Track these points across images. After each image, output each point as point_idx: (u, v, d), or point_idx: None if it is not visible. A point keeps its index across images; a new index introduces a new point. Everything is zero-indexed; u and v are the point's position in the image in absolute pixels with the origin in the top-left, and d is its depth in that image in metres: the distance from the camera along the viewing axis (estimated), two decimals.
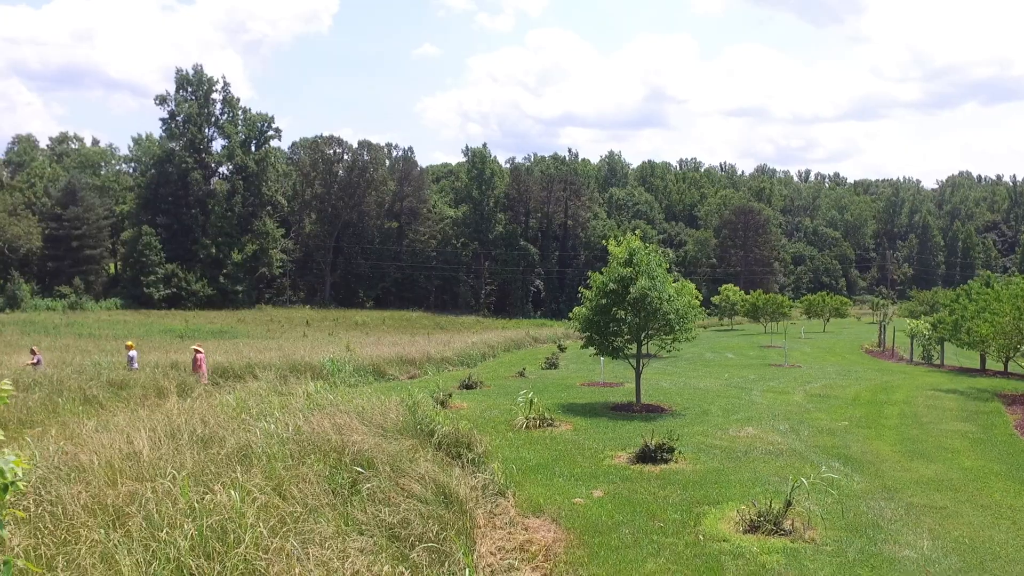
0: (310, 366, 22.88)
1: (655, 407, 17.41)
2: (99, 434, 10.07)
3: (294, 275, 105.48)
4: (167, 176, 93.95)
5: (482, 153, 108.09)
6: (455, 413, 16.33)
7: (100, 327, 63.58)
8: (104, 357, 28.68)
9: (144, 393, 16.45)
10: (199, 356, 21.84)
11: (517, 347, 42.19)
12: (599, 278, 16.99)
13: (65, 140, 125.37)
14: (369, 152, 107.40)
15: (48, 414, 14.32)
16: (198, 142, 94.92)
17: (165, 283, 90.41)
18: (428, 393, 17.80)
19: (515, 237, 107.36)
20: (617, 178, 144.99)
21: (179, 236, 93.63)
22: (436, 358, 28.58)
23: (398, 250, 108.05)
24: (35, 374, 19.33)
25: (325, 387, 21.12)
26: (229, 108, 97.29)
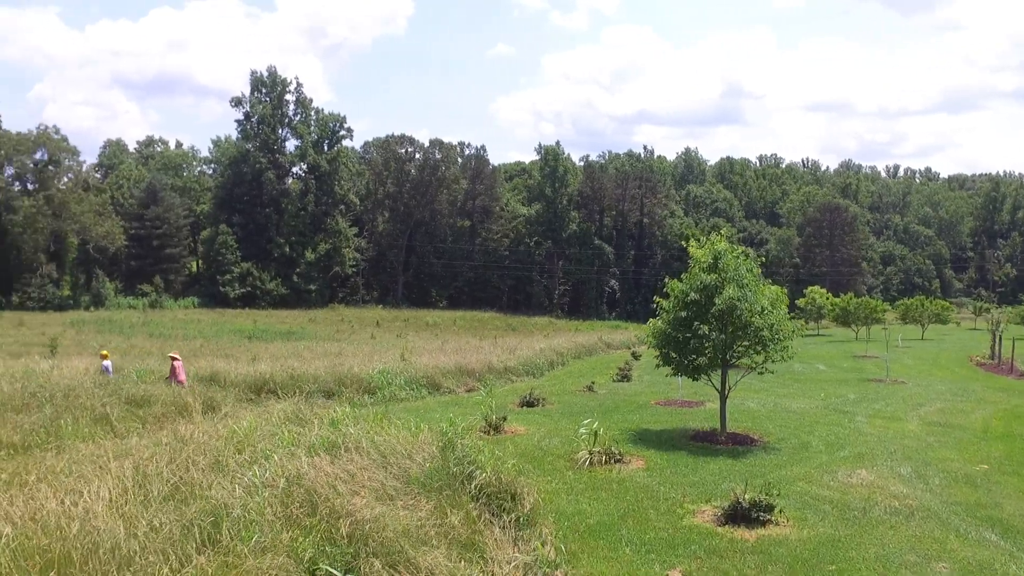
0: (358, 379, 21.07)
1: (743, 437, 14.81)
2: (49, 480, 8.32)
3: (367, 274, 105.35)
4: (242, 176, 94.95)
5: (555, 151, 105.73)
6: (509, 441, 14.13)
7: (174, 326, 63.83)
8: (153, 363, 27.64)
9: (165, 411, 14.84)
10: (176, 364, 20.71)
11: (588, 353, 39.71)
12: (678, 286, 14.50)
13: (151, 143, 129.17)
14: (441, 151, 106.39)
15: (48, 436, 12.77)
16: (272, 142, 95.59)
17: (240, 282, 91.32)
18: (482, 414, 15.66)
19: (589, 236, 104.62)
20: (694, 175, 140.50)
21: (254, 235, 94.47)
22: (498, 368, 26.45)
23: (471, 249, 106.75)
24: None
25: (369, 405, 19.27)
26: (302, 109, 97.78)
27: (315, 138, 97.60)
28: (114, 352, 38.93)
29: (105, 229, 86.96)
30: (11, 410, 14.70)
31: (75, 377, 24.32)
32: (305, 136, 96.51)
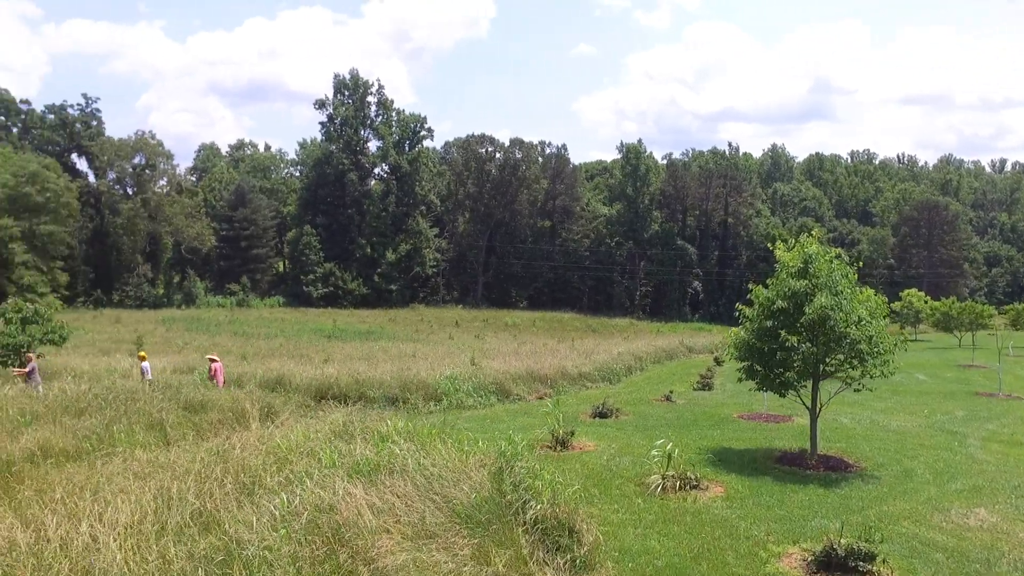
0: (424, 384, 20.36)
1: (837, 461, 13.29)
2: (72, 501, 7.76)
3: (448, 274, 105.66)
4: (325, 177, 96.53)
5: (636, 149, 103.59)
6: (576, 459, 13.07)
7: (258, 325, 65.18)
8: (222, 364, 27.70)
9: (221, 418, 14.40)
10: (214, 366, 20.85)
11: (669, 358, 38.16)
12: (763, 293, 13.11)
13: (242, 147, 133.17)
14: (521, 150, 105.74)
15: (100, 443, 12.42)
16: (354, 144, 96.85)
17: (323, 282, 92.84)
18: (549, 427, 14.64)
19: (671, 236, 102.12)
20: (781, 173, 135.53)
21: (337, 236, 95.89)
22: (572, 373, 25.36)
23: (551, 249, 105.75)
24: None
25: (434, 412, 18.51)
26: (383, 110, 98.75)
27: (396, 139, 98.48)
28: (194, 350, 39.75)
29: (196, 231, 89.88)
30: (73, 414, 14.54)
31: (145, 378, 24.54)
32: (386, 137, 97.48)
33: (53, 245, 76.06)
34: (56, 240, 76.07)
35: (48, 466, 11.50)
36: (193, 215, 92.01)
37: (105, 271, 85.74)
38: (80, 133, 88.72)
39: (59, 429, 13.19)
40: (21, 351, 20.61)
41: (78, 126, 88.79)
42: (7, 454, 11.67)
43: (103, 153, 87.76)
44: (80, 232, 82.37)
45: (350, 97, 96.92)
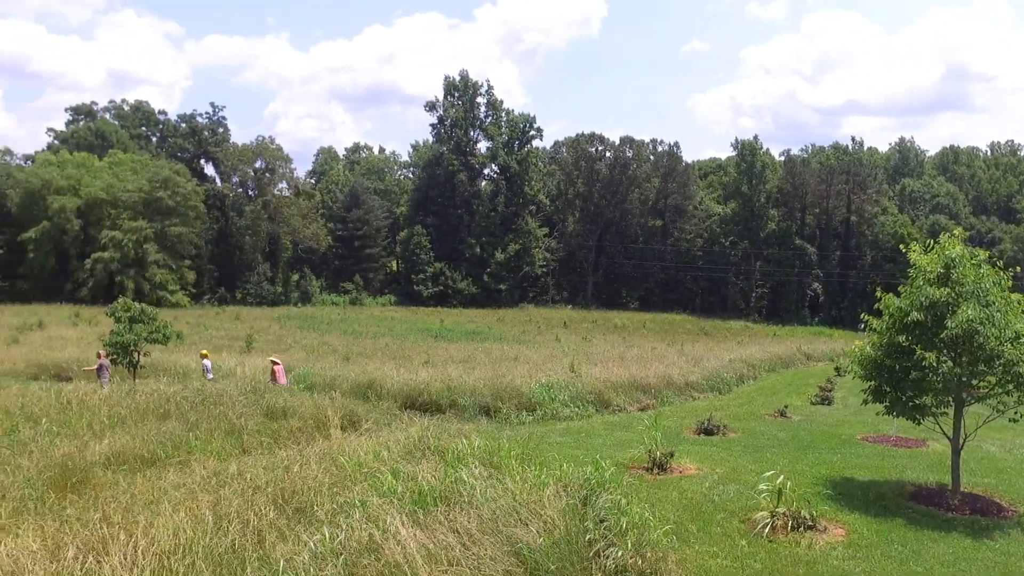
0: (518, 393, 19.38)
1: (986, 502, 11.37)
2: (118, 516, 7.20)
3: (557, 274, 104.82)
4: (436, 178, 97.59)
5: (752, 145, 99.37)
6: (674, 485, 11.74)
7: (368, 323, 66.17)
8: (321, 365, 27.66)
9: (302, 425, 13.90)
10: (276, 369, 21.01)
11: (784, 366, 35.77)
12: (894, 303, 11.34)
13: (357, 150, 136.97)
14: (632, 148, 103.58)
15: (176, 450, 12.10)
16: (464, 145, 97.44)
17: (433, 281, 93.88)
18: (647, 445, 13.34)
19: (789, 235, 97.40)
20: (910, 168, 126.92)
21: (447, 236, 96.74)
22: (678, 383, 23.81)
23: (662, 249, 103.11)
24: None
25: (527, 423, 17.50)
26: (493, 110, 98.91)
27: (505, 139, 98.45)
28: (301, 349, 40.37)
29: (312, 231, 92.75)
30: (157, 416, 14.43)
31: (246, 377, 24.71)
32: (496, 137, 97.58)
33: (182, 245, 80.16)
34: (185, 240, 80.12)
35: (121, 472, 11.23)
36: (309, 216, 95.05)
37: (229, 270, 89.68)
38: (208, 140, 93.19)
39: (140, 432, 13.01)
40: (128, 349, 21.06)
41: (206, 133, 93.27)
42: (85, 458, 11.47)
43: (227, 158, 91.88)
44: (206, 233, 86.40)
45: (460, 98, 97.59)
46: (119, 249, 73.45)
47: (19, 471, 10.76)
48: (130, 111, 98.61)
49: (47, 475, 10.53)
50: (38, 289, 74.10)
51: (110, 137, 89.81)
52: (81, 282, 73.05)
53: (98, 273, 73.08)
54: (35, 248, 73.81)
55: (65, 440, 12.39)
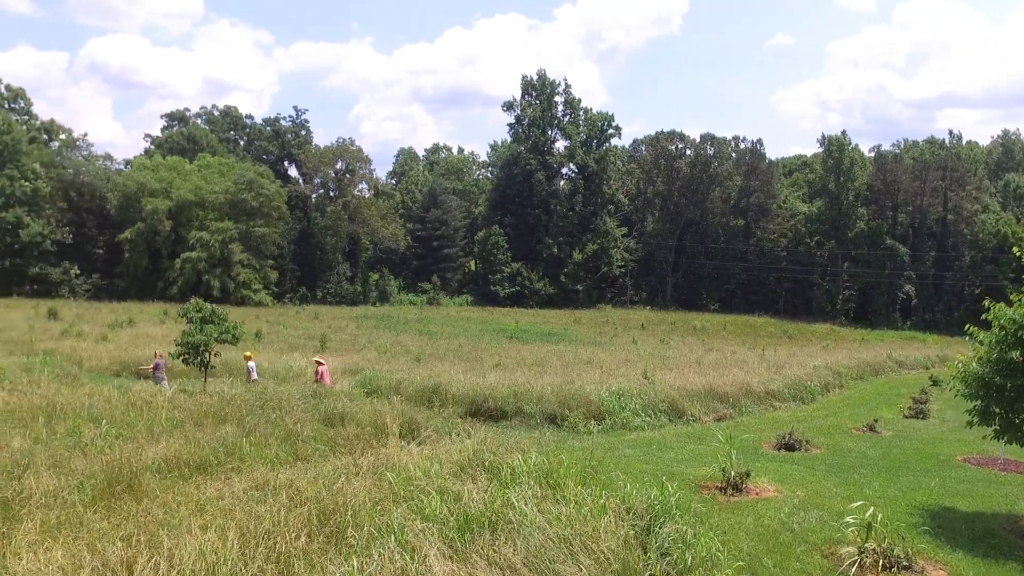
0: (587, 401, 18.57)
1: None
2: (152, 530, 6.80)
3: (636, 275, 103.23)
4: (513, 178, 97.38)
5: (840, 141, 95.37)
6: (749, 509, 10.77)
7: (444, 323, 66.28)
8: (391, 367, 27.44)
9: (359, 433, 13.48)
10: (321, 369, 21.02)
11: (874, 373, 33.79)
12: (1006, 313, 10.05)
13: (437, 150, 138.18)
14: (713, 146, 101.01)
15: (229, 456, 11.84)
16: (541, 144, 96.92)
17: (510, 281, 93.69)
18: (721, 462, 12.37)
19: (879, 235, 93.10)
20: (1015, 162, 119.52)
21: (524, 236, 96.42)
22: (757, 391, 22.53)
23: (744, 249, 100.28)
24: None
25: (595, 433, 16.71)
26: (571, 109, 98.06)
27: (583, 138, 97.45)
28: (376, 349, 40.45)
29: (390, 231, 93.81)
30: (216, 420, 14.27)
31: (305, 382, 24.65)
32: (574, 136, 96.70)
33: (265, 245, 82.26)
34: (268, 241, 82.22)
35: (171, 479, 11.03)
36: (388, 216, 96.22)
37: (310, 269, 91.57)
38: (291, 142, 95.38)
39: (196, 437, 12.83)
40: (199, 349, 21.23)
41: (289, 136, 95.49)
42: (137, 463, 11.31)
43: (309, 160, 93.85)
44: (289, 233, 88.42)
45: (537, 97, 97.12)
46: (206, 249, 75.84)
47: (72, 475, 10.67)
48: (219, 116, 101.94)
49: (96, 480, 10.39)
50: (133, 287, 77.31)
51: (200, 141, 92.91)
52: (172, 281, 75.74)
53: (187, 272, 75.64)
54: (131, 248, 76.99)
55: (122, 443, 12.30)
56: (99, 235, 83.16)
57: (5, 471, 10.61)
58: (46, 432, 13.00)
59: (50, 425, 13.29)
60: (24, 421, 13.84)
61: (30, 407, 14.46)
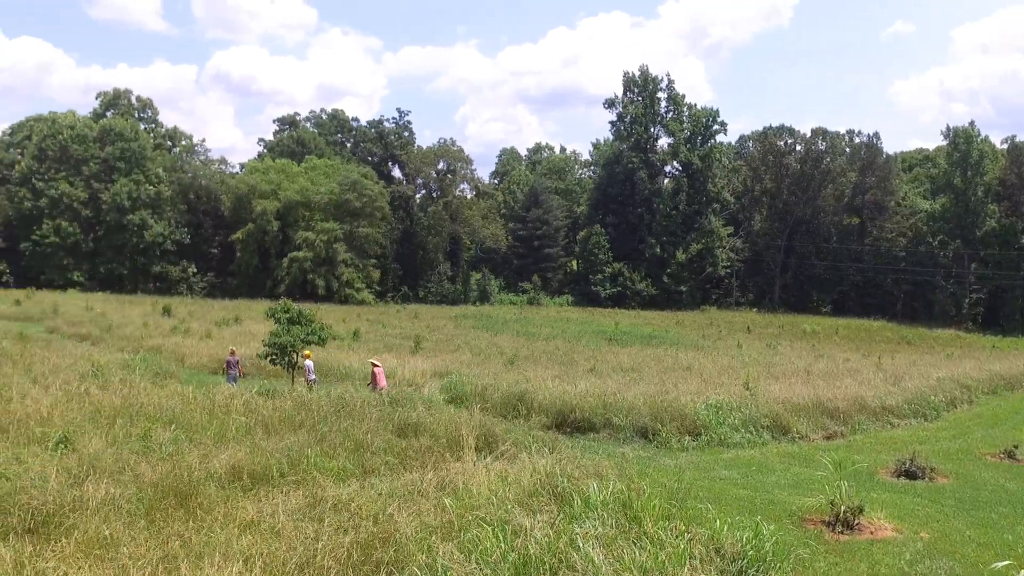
0: (681, 414, 17.24)
1: None
2: None
3: (742, 276, 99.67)
4: (615, 177, 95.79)
5: (967, 133, 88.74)
6: (862, 553, 9.36)
7: (543, 324, 65.48)
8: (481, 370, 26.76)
9: (433, 445, 12.74)
10: (376, 371, 20.48)
11: (1009, 387, 30.69)
12: None
13: (539, 150, 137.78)
14: (825, 141, 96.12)
15: (292, 467, 11.33)
16: (644, 142, 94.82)
17: (611, 282, 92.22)
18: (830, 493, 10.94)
19: (1013, 234, 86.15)
20: None
21: (626, 235, 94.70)
22: (872, 406, 20.49)
23: (859, 250, 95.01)
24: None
25: (690, 450, 15.48)
26: (674, 106, 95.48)
27: (687, 135, 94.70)
28: (471, 350, 39.98)
29: (491, 231, 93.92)
30: (289, 426, 13.87)
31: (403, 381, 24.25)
32: (677, 133, 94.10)
33: (368, 245, 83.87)
34: (371, 240, 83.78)
35: (232, 489, 10.60)
36: (488, 216, 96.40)
37: (412, 269, 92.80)
38: (394, 144, 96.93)
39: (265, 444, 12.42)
40: (286, 350, 21.18)
41: (392, 138, 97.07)
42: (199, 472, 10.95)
43: (411, 161, 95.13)
44: (391, 233, 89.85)
45: (639, 94, 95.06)
46: (312, 249, 77.90)
47: (132, 483, 10.38)
48: (327, 119, 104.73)
49: (153, 490, 10.04)
50: (245, 285, 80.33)
51: (309, 144, 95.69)
52: (279, 279, 78.15)
53: (294, 271, 77.93)
54: (242, 248, 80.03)
55: (190, 448, 12.02)
56: (214, 235, 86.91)
57: (70, 476, 10.44)
58: (122, 434, 12.90)
59: (127, 427, 13.19)
60: (109, 420, 13.84)
61: (112, 407, 14.47)
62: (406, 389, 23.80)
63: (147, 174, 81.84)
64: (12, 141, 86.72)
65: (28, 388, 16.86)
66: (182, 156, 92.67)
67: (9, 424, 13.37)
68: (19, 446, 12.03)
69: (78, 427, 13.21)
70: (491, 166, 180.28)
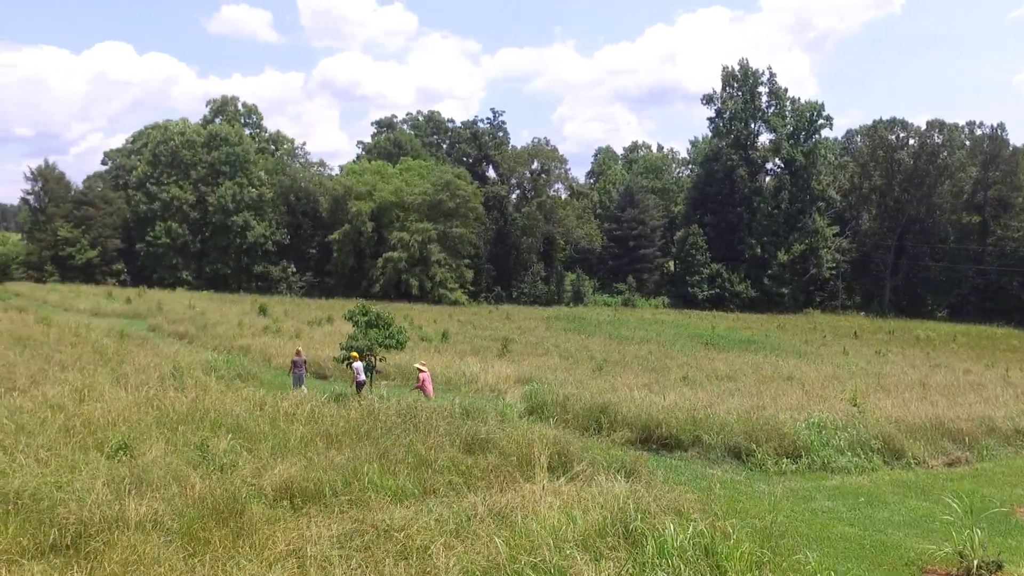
0: (779, 433, 15.60)
1: None
2: None
3: (849, 277, 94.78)
4: (714, 175, 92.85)
5: None
6: None
7: (637, 327, 63.65)
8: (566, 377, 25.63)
9: (501, 464, 11.73)
10: (422, 376, 19.64)
11: None
12: None
13: (635, 148, 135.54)
14: (941, 134, 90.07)
15: (348, 485, 10.57)
16: (743, 138, 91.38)
17: (709, 283, 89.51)
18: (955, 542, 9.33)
19: None
20: None
21: (724, 235, 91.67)
22: (1003, 429, 18.04)
23: (980, 250, 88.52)
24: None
25: (789, 474, 13.96)
26: (776, 100, 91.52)
27: (790, 130, 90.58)
28: (560, 354, 38.81)
29: (585, 231, 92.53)
30: (353, 438, 13.14)
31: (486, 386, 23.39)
32: (779, 129, 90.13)
33: (462, 245, 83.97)
34: (464, 241, 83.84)
35: (281, 509, 9.91)
36: (583, 216, 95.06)
37: (505, 269, 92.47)
38: (488, 144, 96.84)
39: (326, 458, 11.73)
40: (363, 354, 20.68)
41: (486, 138, 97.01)
42: (251, 487, 10.32)
43: (505, 161, 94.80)
44: (485, 233, 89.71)
45: (739, 89, 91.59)
46: (406, 249, 78.56)
47: (181, 495, 9.84)
48: (423, 121, 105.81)
49: (199, 505, 9.46)
50: (341, 285, 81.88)
51: (405, 146, 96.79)
52: (374, 279, 79.21)
53: (388, 272, 78.79)
54: (339, 248, 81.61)
55: (246, 459, 11.46)
56: (313, 236, 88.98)
57: (118, 487, 9.99)
58: (182, 442, 12.50)
59: (187, 434, 12.79)
60: (172, 426, 13.52)
61: (178, 412, 14.16)
62: (488, 395, 22.98)
63: (250, 177, 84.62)
64: (133, 148, 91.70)
65: (107, 389, 16.87)
66: (283, 159, 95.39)
67: (77, 426, 13.21)
68: (79, 451, 11.76)
69: (142, 432, 12.91)
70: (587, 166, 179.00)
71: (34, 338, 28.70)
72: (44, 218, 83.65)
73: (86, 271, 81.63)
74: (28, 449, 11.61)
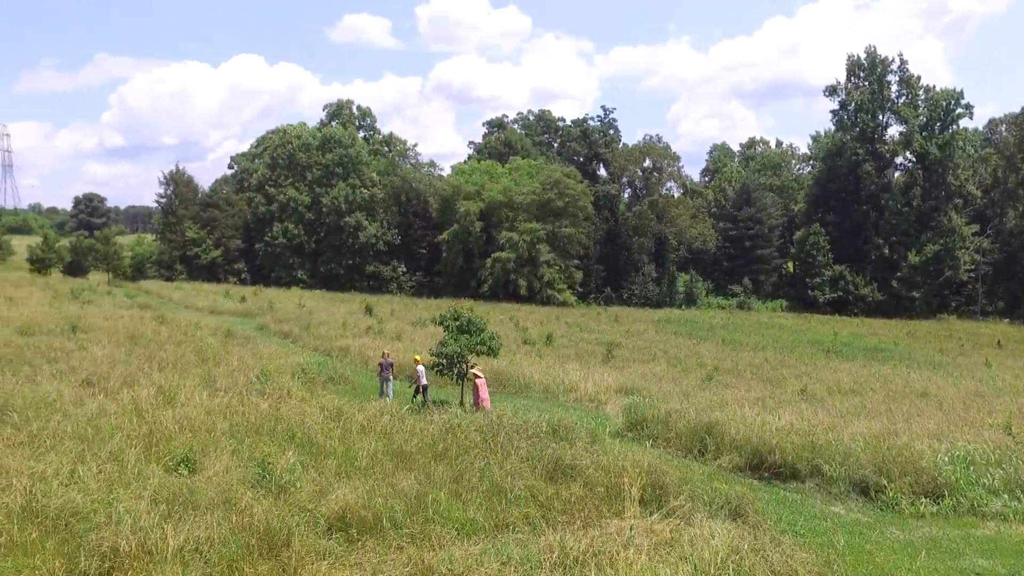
0: (915, 467, 13.39)
1: None
2: None
3: (990, 281, 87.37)
4: (837, 171, 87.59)
5: None
6: None
7: (752, 331, 60.48)
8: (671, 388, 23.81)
9: (586, 494, 10.37)
10: (478, 382, 18.27)
11: None
12: None
13: (752, 145, 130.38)
14: None
15: (409, 514, 9.46)
16: (870, 131, 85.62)
17: (831, 286, 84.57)
18: None
19: None
20: None
21: (848, 235, 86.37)
22: None
23: None
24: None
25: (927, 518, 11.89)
26: (907, 89, 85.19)
27: (923, 121, 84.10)
28: (668, 360, 36.79)
29: (698, 231, 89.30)
30: (431, 456, 12.08)
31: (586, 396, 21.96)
32: (910, 120, 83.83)
33: (571, 245, 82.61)
34: (574, 240, 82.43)
35: (337, 540, 8.91)
36: (697, 216, 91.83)
37: (615, 270, 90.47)
38: (598, 142, 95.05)
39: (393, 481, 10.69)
40: (453, 360, 19.72)
41: (596, 136, 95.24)
42: (304, 515, 9.38)
43: (616, 160, 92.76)
44: (595, 233, 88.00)
45: (866, 79, 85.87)
46: (515, 249, 77.87)
47: (228, 520, 9.01)
48: (534, 120, 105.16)
49: (245, 533, 8.58)
50: (450, 285, 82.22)
51: (515, 145, 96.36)
52: (483, 279, 79.00)
53: (496, 272, 78.36)
54: (448, 248, 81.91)
55: (306, 480, 10.56)
56: (423, 236, 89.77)
57: (166, 508, 9.28)
58: (247, 455, 11.77)
59: (253, 448, 12.06)
60: (241, 437, 12.88)
61: (250, 422, 13.52)
62: (587, 405, 21.66)
63: (362, 178, 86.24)
64: (255, 152, 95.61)
65: (192, 392, 16.55)
66: (394, 160, 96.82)
67: (149, 434, 12.75)
68: (141, 463, 11.21)
69: (210, 443, 12.29)
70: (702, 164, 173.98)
71: (145, 336, 29.37)
72: (174, 220, 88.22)
73: (210, 270, 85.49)
74: (94, 459, 11.15)
